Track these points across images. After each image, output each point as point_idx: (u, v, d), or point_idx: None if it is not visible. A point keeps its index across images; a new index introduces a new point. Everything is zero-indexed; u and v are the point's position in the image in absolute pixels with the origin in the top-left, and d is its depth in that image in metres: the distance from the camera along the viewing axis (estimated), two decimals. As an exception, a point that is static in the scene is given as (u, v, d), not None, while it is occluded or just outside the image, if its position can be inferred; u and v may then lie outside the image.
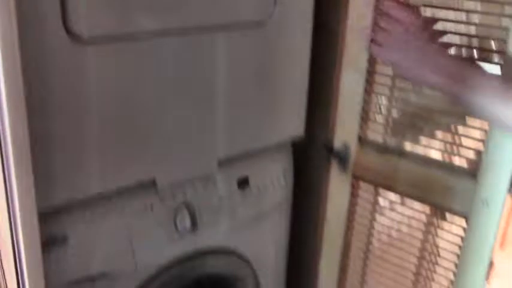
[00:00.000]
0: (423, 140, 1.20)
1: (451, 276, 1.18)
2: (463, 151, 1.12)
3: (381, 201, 1.31)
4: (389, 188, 1.27)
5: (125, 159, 1.01)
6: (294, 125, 1.31)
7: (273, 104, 1.24)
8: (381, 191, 1.30)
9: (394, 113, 1.24)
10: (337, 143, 1.31)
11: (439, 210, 1.18)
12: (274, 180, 1.31)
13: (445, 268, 1.20)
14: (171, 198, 1.12)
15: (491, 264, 1.13)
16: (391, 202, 1.28)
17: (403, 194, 1.25)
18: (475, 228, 1.09)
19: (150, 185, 1.07)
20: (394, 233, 1.31)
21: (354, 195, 1.34)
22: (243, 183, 1.24)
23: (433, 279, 1.25)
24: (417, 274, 1.29)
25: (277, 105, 1.25)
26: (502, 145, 1.01)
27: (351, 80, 1.25)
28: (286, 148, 1.34)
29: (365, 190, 1.32)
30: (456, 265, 1.16)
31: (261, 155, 1.27)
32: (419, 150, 1.20)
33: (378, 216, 1.33)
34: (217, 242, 1.25)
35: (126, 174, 1.02)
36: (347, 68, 1.25)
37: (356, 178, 1.32)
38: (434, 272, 1.25)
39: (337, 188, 1.36)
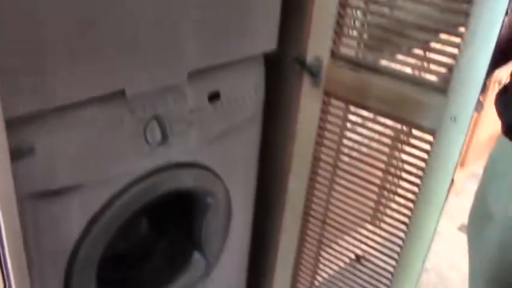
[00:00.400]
0: (396, 55, 1.19)
1: (416, 190, 1.22)
2: (435, 67, 1.12)
3: (351, 117, 1.32)
4: (360, 105, 1.28)
5: (92, 69, 0.97)
6: (266, 38, 1.28)
7: (245, 16, 1.21)
8: (352, 107, 1.31)
9: (368, 28, 1.23)
10: (310, 57, 1.29)
11: (408, 126, 1.20)
12: (246, 94, 1.30)
13: (410, 182, 1.24)
14: (141, 111, 1.10)
15: (451, 181, 1.17)
16: (361, 118, 1.29)
17: (373, 110, 1.26)
18: (442, 144, 1.11)
19: (120, 97, 1.05)
20: (362, 149, 1.33)
21: (324, 111, 1.34)
22: (214, 97, 1.23)
23: (396, 193, 1.29)
24: (382, 188, 1.32)
25: (250, 17, 1.21)
26: (474, 61, 1.02)
27: (326, -8, 1.22)
28: (258, 62, 1.31)
29: (336, 106, 1.33)
30: (421, 179, 1.19)
31: (232, 68, 1.25)
32: (392, 65, 1.20)
33: (347, 133, 1.34)
34: (188, 156, 1.25)
35: (94, 84, 0.99)
36: (322, -20, 1.22)
37: (327, 94, 1.32)
38: (399, 186, 1.28)
39: (308, 104, 1.36)
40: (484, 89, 1.09)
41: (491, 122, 2.59)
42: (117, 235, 1.17)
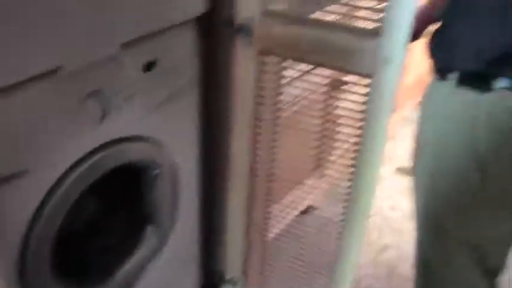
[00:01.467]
0: (326, 4, 1.21)
1: (359, 132, 1.26)
2: (366, 12, 1.15)
3: (287, 72, 1.33)
4: (295, 59, 1.29)
5: (28, 49, 0.93)
6: (194, 2, 1.26)
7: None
8: (286, 63, 1.32)
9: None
10: (240, 18, 1.29)
11: (343, 74, 1.23)
12: (181, 60, 1.29)
13: (351, 127, 1.28)
14: (77, 89, 1.07)
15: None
16: (297, 72, 1.32)
17: (308, 62, 1.28)
18: (380, 86, 1.15)
19: (52, 76, 1.00)
20: (300, 102, 1.35)
21: (260, 70, 1.35)
22: (150, 65, 1.21)
23: (340, 140, 1.33)
24: (325, 137, 1.36)
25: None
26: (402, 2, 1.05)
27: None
28: (190, 26, 1.30)
29: (270, 63, 1.34)
30: (363, 121, 1.23)
31: (166, 35, 1.22)
32: (322, 16, 1.22)
33: (285, 88, 1.36)
34: (131, 129, 1.23)
35: (31, 64, 0.95)
36: None
37: (261, 52, 1.32)
38: (342, 133, 1.32)
39: (243, 64, 1.35)
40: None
41: (414, 68, 2.70)
42: (68, 217, 1.15)
